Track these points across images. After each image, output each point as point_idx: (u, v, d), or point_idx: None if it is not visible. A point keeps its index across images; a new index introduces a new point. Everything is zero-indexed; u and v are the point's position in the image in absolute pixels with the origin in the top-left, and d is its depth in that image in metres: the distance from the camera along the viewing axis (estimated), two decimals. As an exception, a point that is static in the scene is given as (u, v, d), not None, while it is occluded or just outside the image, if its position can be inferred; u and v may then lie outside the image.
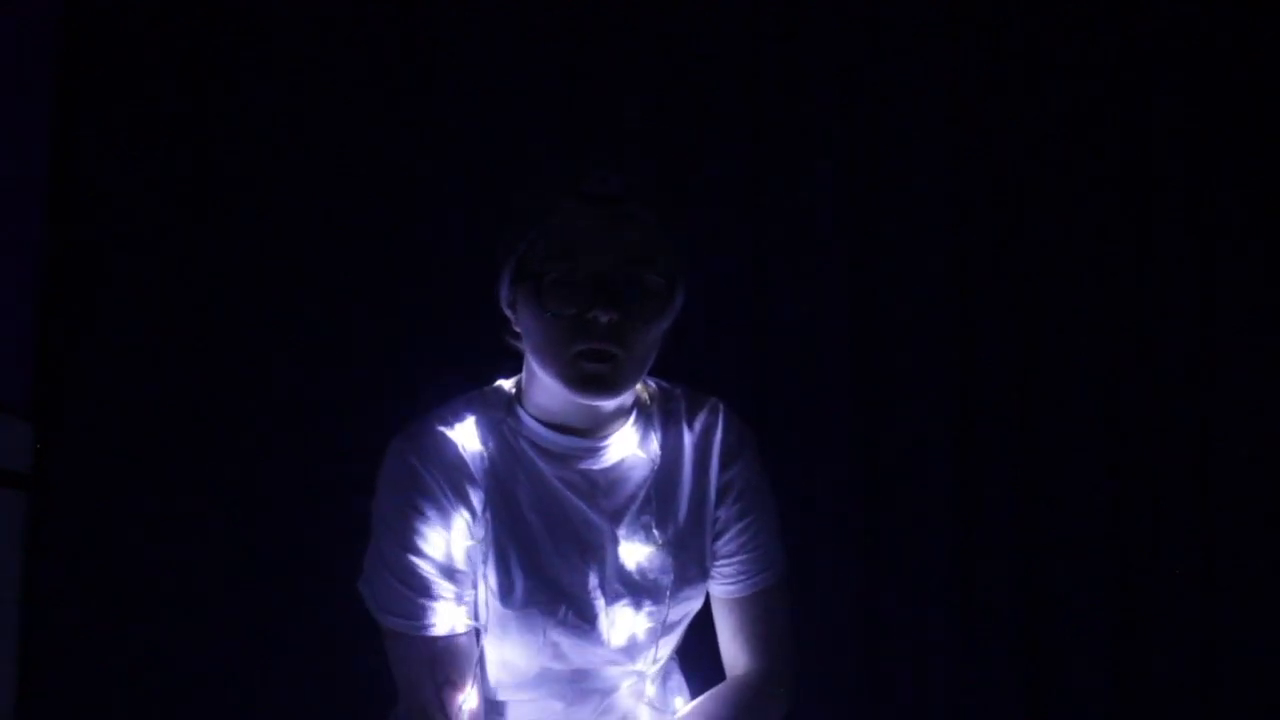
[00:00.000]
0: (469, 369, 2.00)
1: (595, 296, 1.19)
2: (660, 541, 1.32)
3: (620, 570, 1.31)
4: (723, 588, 1.38)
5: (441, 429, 1.30)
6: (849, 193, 2.10)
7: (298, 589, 1.95)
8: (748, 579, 1.37)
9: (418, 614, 1.26)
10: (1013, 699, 2.03)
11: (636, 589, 1.31)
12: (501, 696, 1.34)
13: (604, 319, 1.19)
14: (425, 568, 1.26)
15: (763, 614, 1.38)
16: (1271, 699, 2.02)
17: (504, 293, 1.29)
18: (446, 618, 1.26)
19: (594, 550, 1.30)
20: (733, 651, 1.39)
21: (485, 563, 1.28)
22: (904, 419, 2.06)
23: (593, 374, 1.21)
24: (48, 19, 2.02)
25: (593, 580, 1.30)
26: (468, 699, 1.26)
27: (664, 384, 1.42)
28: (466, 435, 1.31)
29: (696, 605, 1.39)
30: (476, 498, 1.28)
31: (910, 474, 2.06)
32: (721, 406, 1.40)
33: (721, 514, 1.36)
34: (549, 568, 1.28)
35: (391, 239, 2.04)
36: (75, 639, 1.92)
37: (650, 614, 1.33)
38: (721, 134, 2.09)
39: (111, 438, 1.96)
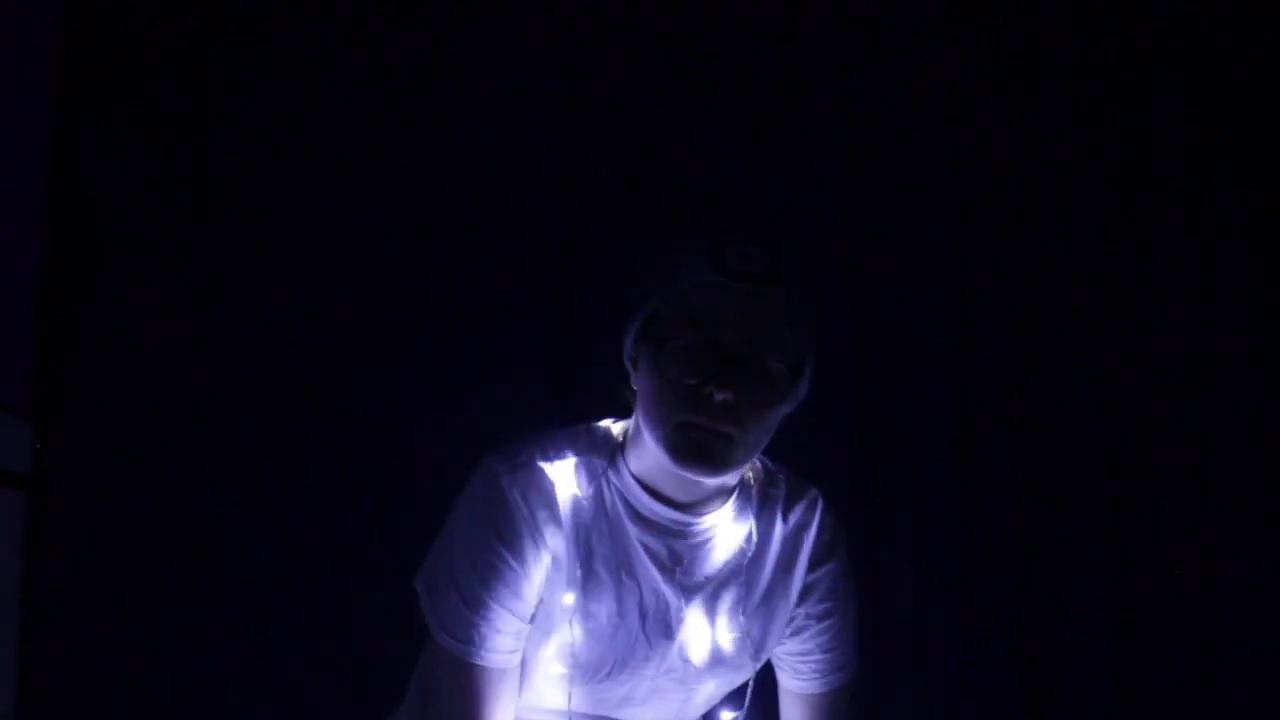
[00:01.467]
0: (470, 369, 2.01)
1: (715, 372, 1.14)
2: (726, 628, 1.30)
3: (679, 647, 1.29)
4: (795, 681, 1.38)
5: (542, 465, 1.26)
6: (849, 193, 2.10)
7: (298, 589, 1.95)
8: (821, 677, 1.36)
9: (476, 641, 1.23)
10: (1013, 699, 2.03)
11: (687, 667, 1.30)
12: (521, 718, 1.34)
13: (719, 397, 1.14)
14: (494, 600, 1.23)
15: (833, 712, 1.37)
16: (1271, 699, 2.02)
17: (628, 347, 1.25)
18: (502, 650, 1.25)
19: (656, 622, 1.27)
20: None
21: (551, 606, 1.26)
22: (904, 419, 2.06)
23: (699, 446, 1.16)
24: (48, 19, 2.02)
25: (644, 650, 1.28)
26: None
27: (769, 465, 1.37)
28: (565, 476, 1.26)
29: (739, 683, 1.36)
30: (560, 543, 1.25)
31: (910, 474, 2.06)
32: (820, 503, 1.36)
33: (801, 612, 1.34)
34: (607, 626, 1.26)
35: (391, 239, 2.04)
36: (75, 639, 1.92)
37: (693, 690, 1.32)
38: (721, 134, 2.09)
39: (111, 438, 1.96)
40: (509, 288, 2.04)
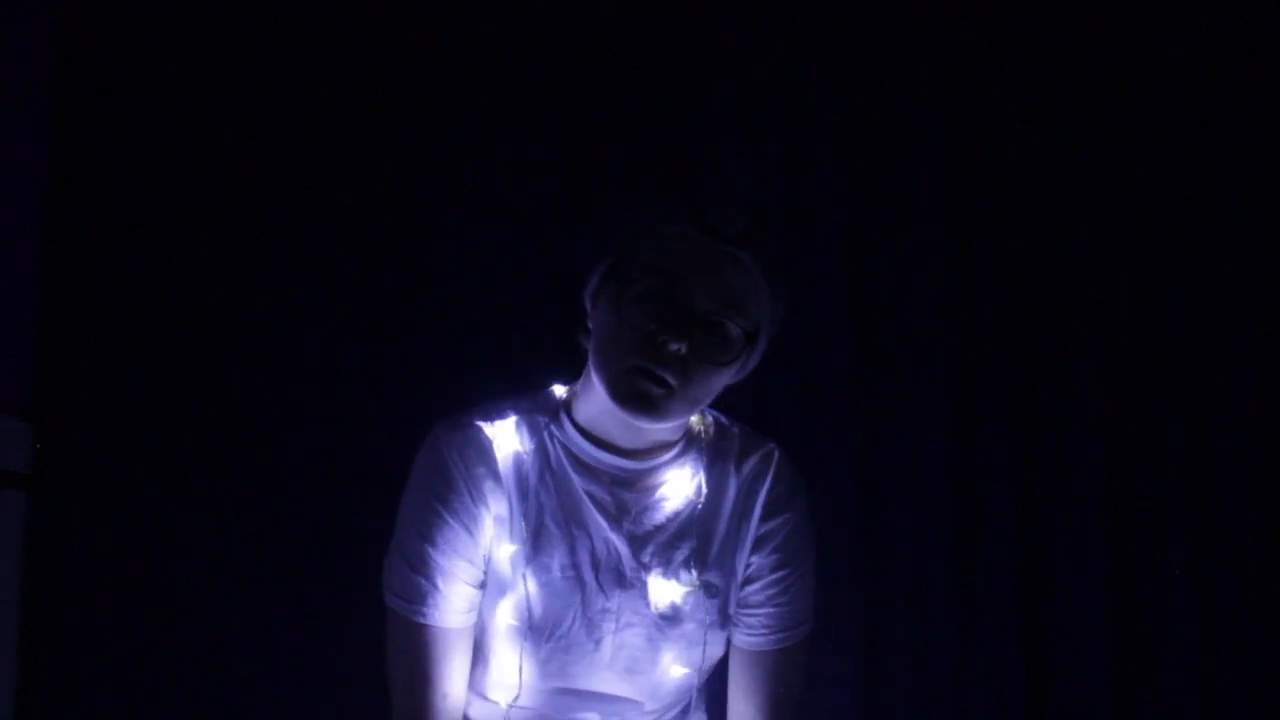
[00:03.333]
0: (473, 369, 2.01)
1: (672, 322, 1.17)
2: (683, 580, 1.30)
3: (636, 598, 1.30)
4: (743, 636, 1.36)
5: (481, 424, 1.30)
6: (850, 193, 2.10)
7: (299, 588, 1.95)
8: (770, 634, 1.35)
9: (418, 600, 1.27)
10: (1013, 699, 2.02)
11: (647, 620, 1.30)
12: (498, 698, 1.34)
13: (673, 347, 1.17)
14: (437, 558, 1.27)
15: (780, 672, 1.35)
16: (1272, 699, 2.02)
17: (591, 285, 1.27)
18: (449, 610, 1.28)
19: (608, 571, 1.29)
20: (740, 705, 1.37)
21: (501, 563, 1.29)
22: (904, 420, 2.06)
23: (642, 392, 1.19)
24: (49, 18, 2.02)
25: (600, 600, 1.29)
26: (451, 693, 1.28)
27: (722, 420, 1.39)
28: (505, 434, 1.30)
29: (716, 652, 1.35)
30: (502, 500, 1.29)
31: (910, 474, 2.06)
32: (776, 455, 1.36)
33: (755, 561, 1.34)
34: (561, 578, 1.28)
35: (393, 239, 2.04)
36: (75, 639, 1.92)
37: (660, 648, 1.31)
38: (722, 134, 2.09)
39: (111, 438, 1.96)
40: (512, 286, 2.04)
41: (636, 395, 1.19)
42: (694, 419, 1.35)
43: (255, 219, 2.03)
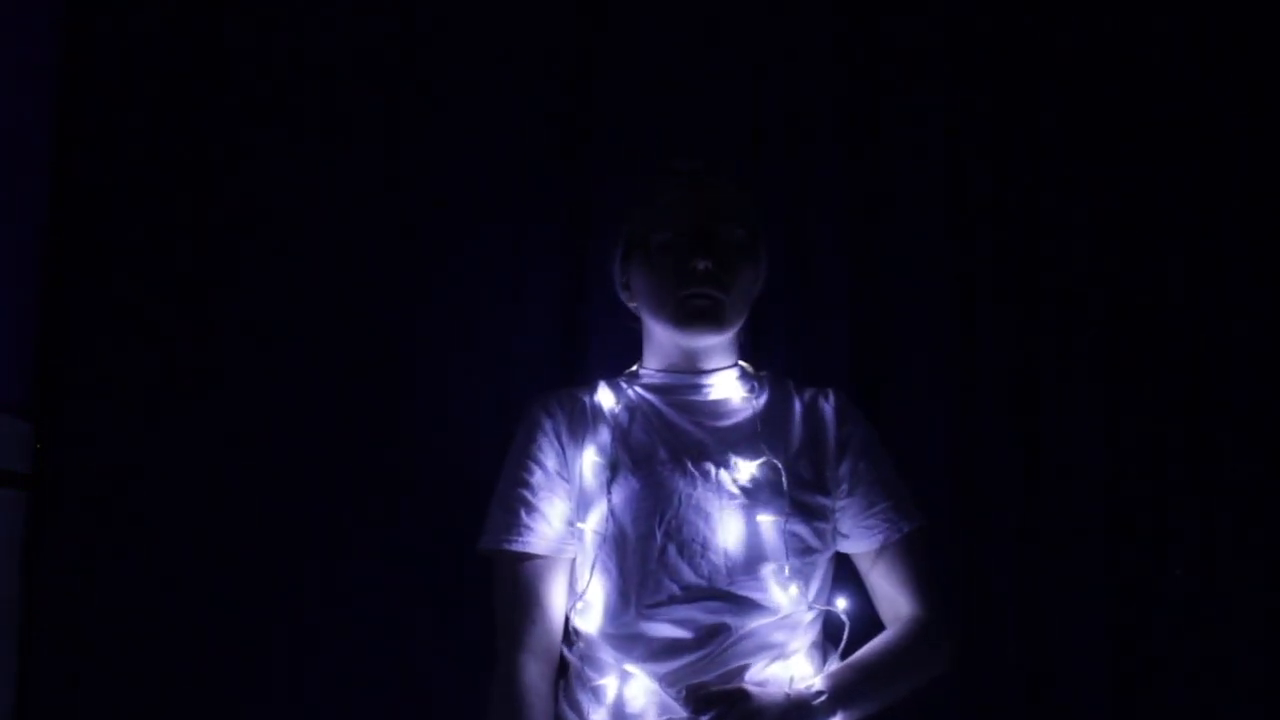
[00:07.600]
0: (476, 365, 2.01)
1: (692, 249, 1.47)
2: (766, 455, 1.47)
3: (720, 471, 1.46)
4: (869, 541, 1.53)
5: (568, 388, 1.61)
6: (850, 195, 2.10)
7: (299, 588, 1.95)
8: (890, 525, 1.52)
9: (512, 528, 1.46)
10: (1013, 698, 2.02)
11: (745, 494, 1.45)
12: (620, 630, 1.42)
13: (701, 266, 1.46)
14: (528, 495, 1.48)
15: (910, 558, 1.53)
16: (1272, 699, 2.01)
17: (618, 277, 1.59)
18: (540, 536, 1.46)
19: (697, 460, 1.47)
20: (888, 603, 1.53)
21: (602, 487, 1.46)
22: (904, 418, 2.05)
23: (698, 309, 1.47)
24: (49, 18, 2.02)
25: (687, 484, 1.45)
26: (546, 614, 1.44)
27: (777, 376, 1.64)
28: (593, 391, 1.57)
29: (819, 552, 1.48)
30: (596, 437, 1.50)
31: (910, 474, 2.05)
32: (832, 388, 1.61)
33: (846, 470, 1.53)
34: (653, 471, 1.46)
35: (396, 239, 2.04)
36: (75, 639, 1.92)
37: (763, 524, 1.44)
38: (724, 138, 2.09)
39: (111, 438, 1.96)
40: (514, 285, 2.04)
41: (695, 314, 1.47)
42: (747, 366, 1.61)
43: (255, 219, 2.03)
